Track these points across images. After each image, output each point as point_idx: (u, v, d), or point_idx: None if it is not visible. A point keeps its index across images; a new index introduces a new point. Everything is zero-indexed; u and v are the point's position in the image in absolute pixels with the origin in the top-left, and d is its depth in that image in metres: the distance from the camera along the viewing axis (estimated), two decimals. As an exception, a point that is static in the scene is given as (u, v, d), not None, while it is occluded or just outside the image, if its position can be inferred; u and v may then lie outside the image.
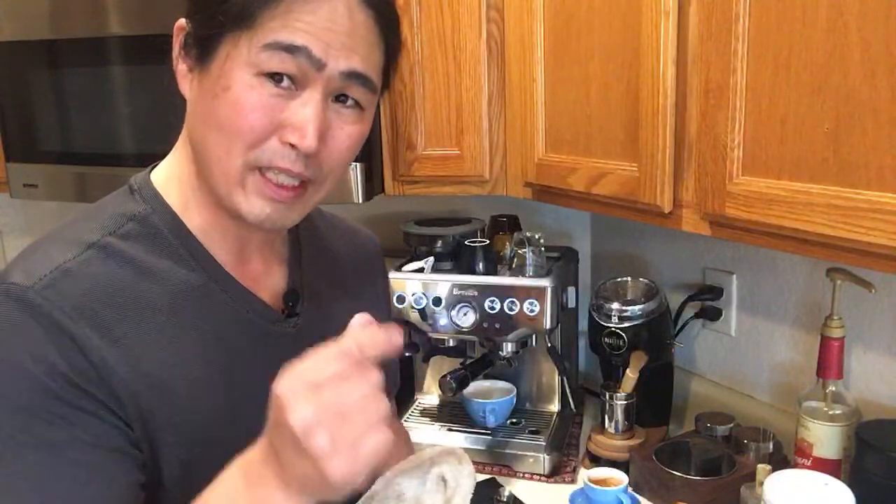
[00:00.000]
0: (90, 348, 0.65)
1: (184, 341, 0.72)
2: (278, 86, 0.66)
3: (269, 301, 0.80)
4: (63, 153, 1.54)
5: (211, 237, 0.75)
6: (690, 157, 0.96)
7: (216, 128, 0.68)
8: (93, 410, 0.65)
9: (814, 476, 0.95)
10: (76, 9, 1.44)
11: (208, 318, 0.74)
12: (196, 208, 0.75)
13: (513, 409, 1.39)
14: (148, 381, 0.69)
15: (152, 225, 0.73)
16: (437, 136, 1.32)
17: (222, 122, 0.67)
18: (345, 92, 0.70)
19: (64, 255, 0.69)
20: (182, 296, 0.73)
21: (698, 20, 0.91)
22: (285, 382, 0.57)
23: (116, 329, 0.67)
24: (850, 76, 0.74)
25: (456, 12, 1.26)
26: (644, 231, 1.55)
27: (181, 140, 0.76)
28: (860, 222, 0.73)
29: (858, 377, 1.16)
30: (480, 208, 1.60)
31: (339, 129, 0.70)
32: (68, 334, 0.64)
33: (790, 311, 1.27)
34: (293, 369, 0.58)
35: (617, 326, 1.32)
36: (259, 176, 0.69)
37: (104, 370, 0.66)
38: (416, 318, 1.32)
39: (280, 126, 0.67)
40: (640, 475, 1.22)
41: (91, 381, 0.65)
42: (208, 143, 0.69)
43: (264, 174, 0.69)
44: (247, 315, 0.77)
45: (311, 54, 0.66)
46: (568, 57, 1.14)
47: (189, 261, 0.74)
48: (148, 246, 0.72)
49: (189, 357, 0.72)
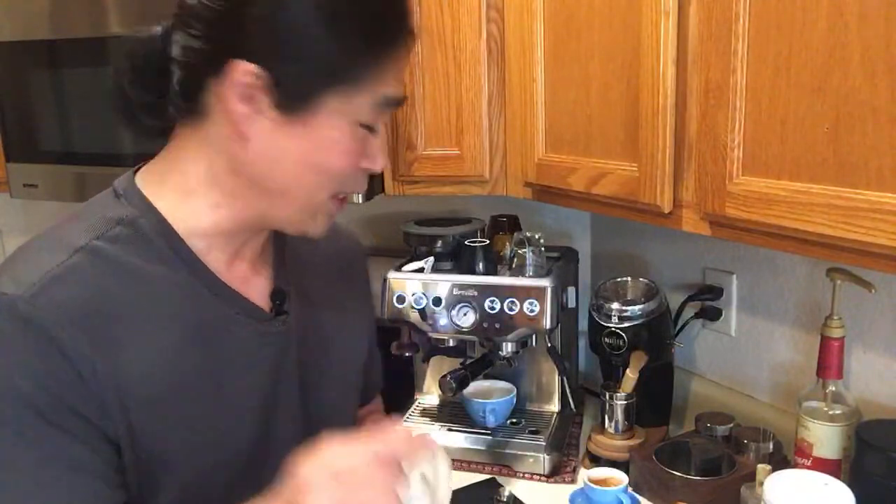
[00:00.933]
0: (81, 359, 0.65)
1: (175, 346, 0.72)
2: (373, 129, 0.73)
3: (258, 301, 0.80)
4: (63, 153, 1.54)
5: (208, 241, 0.75)
6: (690, 157, 0.96)
7: (314, 171, 0.71)
8: (77, 431, 0.65)
9: (814, 476, 0.95)
10: (76, 9, 1.44)
11: (198, 321, 0.74)
12: (200, 214, 0.74)
13: (513, 409, 1.39)
14: (138, 390, 0.68)
15: (140, 228, 0.72)
16: (437, 136, 1.32)
17: (323, 166, 0.71)
18: None
19: (52, 260, 0.68)
20: (172, 300, 0.73)
21: (698, 20, 0.91)
22: (311, 467, 0.58)
23: (107, 336, 0.67)
24: (850, 76, 0.73)
25: (456, 12, 1.26)
26: (644, 231, 1.55)
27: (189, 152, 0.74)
28: (860, 222, 0.73)
29: (858, 377, 1.16)
30: (480, 208, 1.60)
31: None
32: (58, 346, 0.64)
33: (790, 311, 1.27)
34: (322, 453, 0.59)
35: (617, 326, 1.32)
36: (334, 199, 0.75)
37: (94, 383, 0.65)
38: (416, 318, 1.32)
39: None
40: (640, 475, 1.22)
41: (80, 396, 0.65)
42: (297, 181, 0.72)
43: (337, 196, 0.75)
44: (236, 316, 0.77)
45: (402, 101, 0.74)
46: (568, 57, 1.14)
47: (178, 264, 0.73)
48: (137, 249, 0.71)
49: (180, 362, 0.72)
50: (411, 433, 0.64)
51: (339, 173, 0.72)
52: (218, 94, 0.69)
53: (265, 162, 0.71)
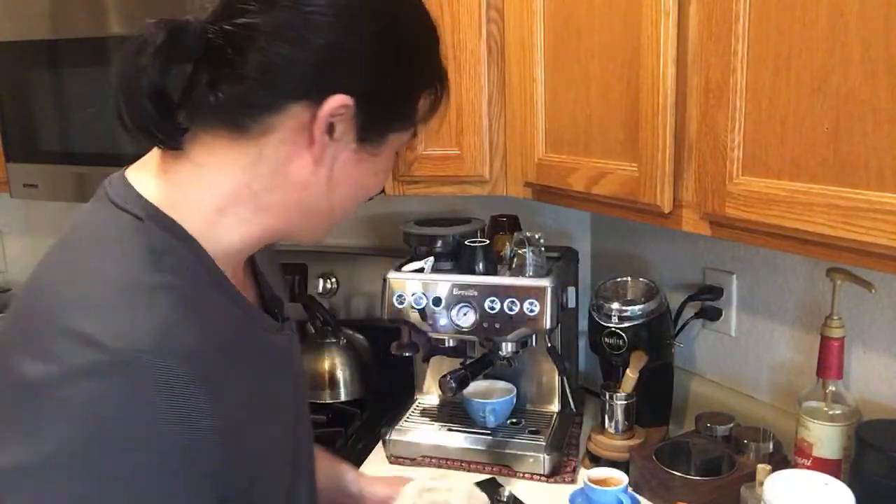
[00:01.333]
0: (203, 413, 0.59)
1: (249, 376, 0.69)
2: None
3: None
4: (63, 153, 1.54)
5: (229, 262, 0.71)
6: (690, 157, 0.96)
7: (364, 194, 0.74)
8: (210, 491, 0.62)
9: (814, 476, 0.95)
10: (76, 9, 1.44)
11: (245, 345, 0.71)
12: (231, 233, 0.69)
13: (513, 409, 1.39)
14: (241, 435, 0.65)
15: (183, 257, 0.65)
16: (436, 136, 1.32)
17: (371, 190, 0.75)
18: None
19: (141, 304, 0.60)
20: (228, 328, 0.68)
21: (698, 20, 0.91)
22: None
23: (215, 382, 0.62)
24: (850, 76, 0.74)
25: (456, 12, 1.26)
26: (644, 231, 1.55)
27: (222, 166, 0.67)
28: (860, 222, 0.73)
29: (858, 377, 1.16)
30: (480, 208, 1.60)
31: None
32: (183, 399, 0.58)
33: (790, 311, 1.27)
34: None
35: (617, 326, 1.32)
36: None
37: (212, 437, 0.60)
38: (416, 318, 1.32)
39: None
40: (640, 475, 1.22)
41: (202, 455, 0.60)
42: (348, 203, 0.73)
43: None
44: (263, 333, 0.75)
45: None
46: (568, 57, 1.14)
47: (215, 288, 0.68)
48: (191, 281, 0.66)
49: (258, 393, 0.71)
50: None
51: (366, 198, 0.76)
52: (295, 116, 0.65)
53: (325, 186, 0.69)
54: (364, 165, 0.71)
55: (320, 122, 0.65)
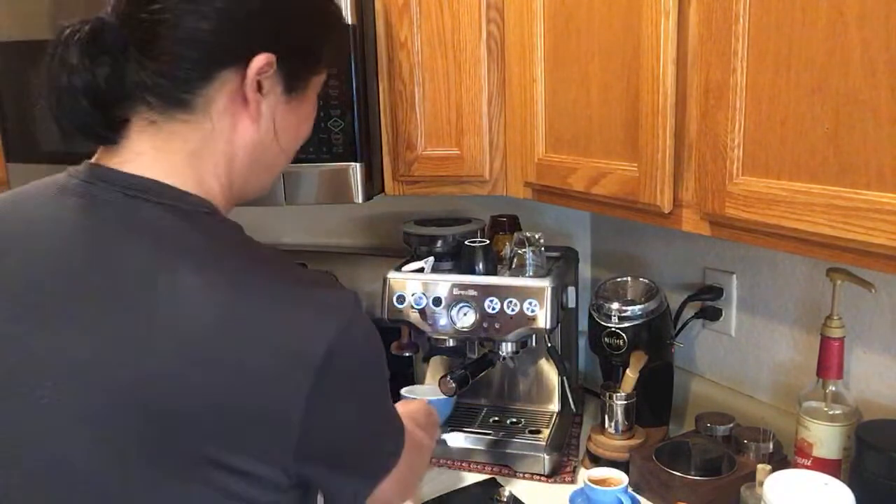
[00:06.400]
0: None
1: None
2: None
3: None
4: (63, 153, 1.54)
5: None
6: (690, 157, 0.96)
7: (299, 139, 0.82)
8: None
9: (814, 476, 0.95)
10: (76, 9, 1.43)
11: None
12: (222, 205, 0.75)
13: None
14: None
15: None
16: (437, 136, 1.32)
17: (304, 135, 0.82)
18: None
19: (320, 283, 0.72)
20: None
21: (698, 20, 0.91)
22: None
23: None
24: (850, 76, 0.74)
25: (456, 12, 1.26)
26: (644, 231, 1.55)
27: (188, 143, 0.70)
28: (860, 222, 0.73)
29: (858, 377, 1.16)
30: (480, 208, 1.60)
31: None
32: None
33: (790, 311, 1.27)
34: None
35: (617, 326, 1.32)
36: None
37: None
38: (416, 318, 1.32)
39: None
40: (640, 475, 1.22)
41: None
42: (288, 151, 0.80)
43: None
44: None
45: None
46: (568, 57, 1.14)
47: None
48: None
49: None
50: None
51: (306, 139, 0.83)
52: (227, 82, 0.70)
53: (273, 138, 0.76)
54: (297, 111, 0.79)
55: (250, 82, 0.71)
